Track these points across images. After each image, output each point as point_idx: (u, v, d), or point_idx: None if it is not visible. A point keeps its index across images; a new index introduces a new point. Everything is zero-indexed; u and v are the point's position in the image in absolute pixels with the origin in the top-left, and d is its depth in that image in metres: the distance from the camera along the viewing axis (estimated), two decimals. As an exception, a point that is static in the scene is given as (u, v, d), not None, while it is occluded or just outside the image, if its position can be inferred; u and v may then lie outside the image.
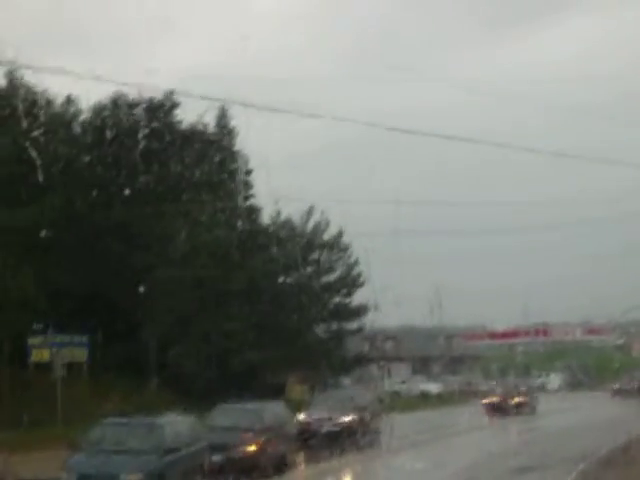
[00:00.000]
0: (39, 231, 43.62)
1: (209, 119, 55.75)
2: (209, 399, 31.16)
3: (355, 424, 33.83)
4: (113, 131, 52.16)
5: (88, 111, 53.00)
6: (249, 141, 57.75)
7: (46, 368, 41.58)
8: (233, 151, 56.76)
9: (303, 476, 29.30)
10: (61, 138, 50.20)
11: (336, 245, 59.58)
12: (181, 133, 54.45)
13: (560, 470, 26.35)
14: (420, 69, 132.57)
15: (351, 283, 59.82)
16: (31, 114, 47.02)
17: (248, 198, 56.49)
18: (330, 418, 32.88)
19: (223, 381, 47.11)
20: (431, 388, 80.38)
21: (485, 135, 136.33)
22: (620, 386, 75.80)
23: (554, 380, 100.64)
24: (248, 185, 56.64)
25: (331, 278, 59.97)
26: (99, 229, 48.49)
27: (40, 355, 42.58)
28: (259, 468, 25.24)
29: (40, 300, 42.37)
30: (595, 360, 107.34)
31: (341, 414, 33.32)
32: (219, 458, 24.52)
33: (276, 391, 52.58)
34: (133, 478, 20.04)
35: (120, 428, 21.87)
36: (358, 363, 66.49)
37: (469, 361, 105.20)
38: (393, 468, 28.44)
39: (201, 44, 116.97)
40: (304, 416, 32.99)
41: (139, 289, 48.08)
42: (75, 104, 52.22)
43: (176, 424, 22.62)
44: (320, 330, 59.53)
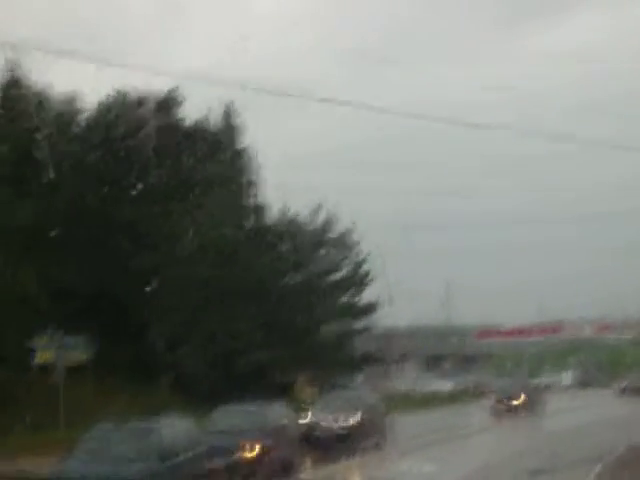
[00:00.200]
0: (42, 229, 43.50)
1: (215, 116, 55.55)
2: (215, 400, 30.31)
3: (362, 425, 32.83)
4: (120, 128, 51.67)
5: (93, 108, 52.73)
6: (257, 138, 56.81)
7: (50, 370, 40.86)
8: (240, 149, 56.18)
9: (307, 481, 28.48)
10: (70, 137, 49.69)
11: (345, 242, 58.80)
12: (190, 131, 54.01)
13: (577, 472, 25.58)
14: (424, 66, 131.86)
15: (359, 281, 59.04)
16: (40, 112, 46.73)
17: (255, 195, 56.05)
18: (335, 420, 32.00)
19: (229, 382, 46.39)
20: (443, 387, 79.50)
21: (500, 127, 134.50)
22: (627, 384, 73.84)
23: (566, 377, 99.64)
24: (255, 182, 56.27)
25: (339, 276, 59.19)
26: (105, 227, 47.65)
27: (44, 356, 41.72)
28: (261, 473, 24.35)
29: (43, 299, 41.78)
30: (609, 357, 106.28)
31: (347, 415, 32.40)
32: (220, 463, 23.64)
33: (284, 391, 51.99)
34: (127, 486, 19.22)
35: (115, 432, 21.04)
36: (368, 362, 65.68)
37: (482, 359, 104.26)
38: (401, 471, 27.56)
39: (203, 44, 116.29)
40: (308, 418, 32.08)
41: (145, 288, 47.56)
42: (80, 100, 51.82)
43: (174, 428, 21.72)
44: (328, 329, 58.70)
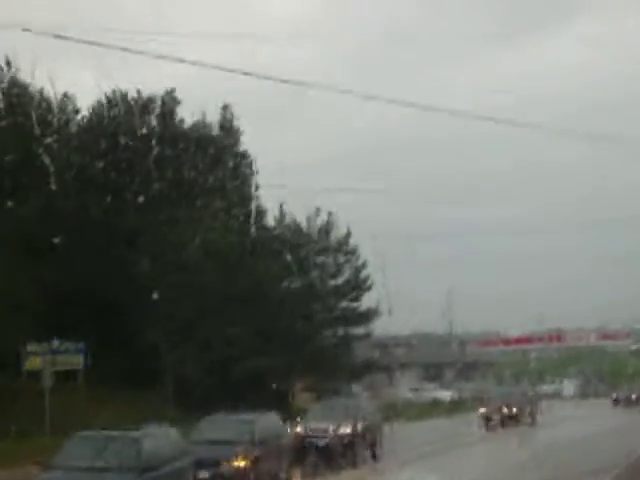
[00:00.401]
0: (39, 234, 42.87)
1: (212, 120, 55.10)
2: (211, 407, 29.25)
3: (357, 435, 31.71)
4: (121, 130, 51.25)
5: (89, 111, 52.30)
6: (256, 143, 56.62)
7: (39, 376, 40.02)
8: (239, 153, 55.60)
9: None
10: (75, 145, 49.83)
11: (344, 247, 57.83)
12: (190, 135, 53.46)
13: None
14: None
15: (359, 287, 58.01)
16: (44, 121, 46.95)
17: (254, 200, 55.27)
18: (329, 429, 30.82)
19: (226, 389, 45.47)
20: (443, 395, 78.61)
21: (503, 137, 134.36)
22: (617, 395, 73.15)
23: (568, 387, 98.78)
24: (254, 186, 55.62)
25: (339, 281, 58.19)
26: (100, 234, 47.10)
27: (34, 362, 41.01)
28: (250, 485, 23.24)
29: (38, 305, 41.41)
30: (610, 366, 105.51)
31: (342, 425, 31.22)
32: (206, 475, 22.55)
33: (282, 399, 51.17)
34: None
35: (94, 442, 19.91)
36: (367, 370, 64.58)
37: (482, 367, 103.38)
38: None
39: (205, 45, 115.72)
40: (301, 427, 30.93)
41: (140, 295, 46.75)
42: (73, 102, 51.35)
43: (158, 437, 20.58)
44: (327, 336, 57.72)
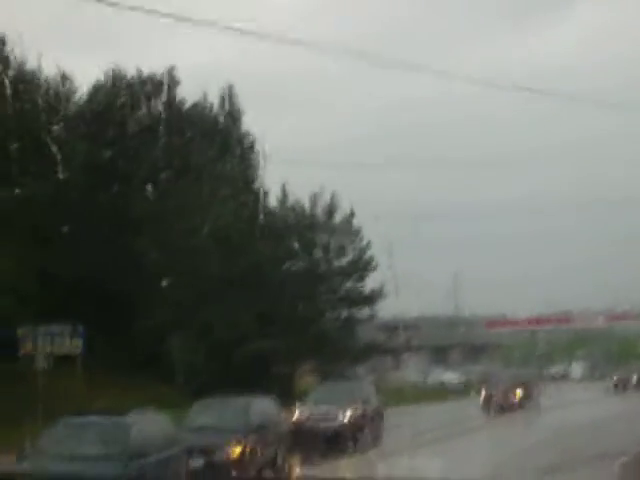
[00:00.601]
0: (46, 222, 42.48)
1: (213, 101, 54.57)
2: (212, 392, 28.41)
3: (358, 421, 30.79)
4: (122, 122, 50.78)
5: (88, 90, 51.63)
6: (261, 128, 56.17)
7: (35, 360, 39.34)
8: (242, 135, 54.99)
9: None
10: (82, 133, 49.34)
11: (347, 228, 56.90)
12: (199, 125, 52.80)
13: (596, 468, 24.09)
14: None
15: (363, 268, 57.08)
16: (51, 108, 47.34)
17: (254, 181, 54.65)
18: (329, 414, 29.89)
19: (227, 373, 44.66)
20: (450, 378, 77.64)
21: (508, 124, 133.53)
22: (617, 379, 68.23)
23: (576, 369, 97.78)
24: (257, 168, 55.06)
25: (342, 262, 57.27)
26: (107, 221, 47.12)
27: (29, 346, 40.26)
28: (244, 474, 22.17)
29: (38, 290, 40.87)
30: (619, 348, 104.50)
31: (341, 409, 30.29)
32: (199, 463, 21.58)
33: (285, 383, 50.39)
34: (90, 490, 17.17)
35: (78, 429, 18.99)
36: (373, 352, 63.64)
37: (490, 350, 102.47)
38: (400, 471, 25.54)
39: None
40: (299, 412, 29.98)
41: (142, 280, 46.20)
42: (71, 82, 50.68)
43: (146, 424, 19.62)
44: (331, 318, 56.87)
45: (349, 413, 30.40)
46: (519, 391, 49.31)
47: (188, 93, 53.21)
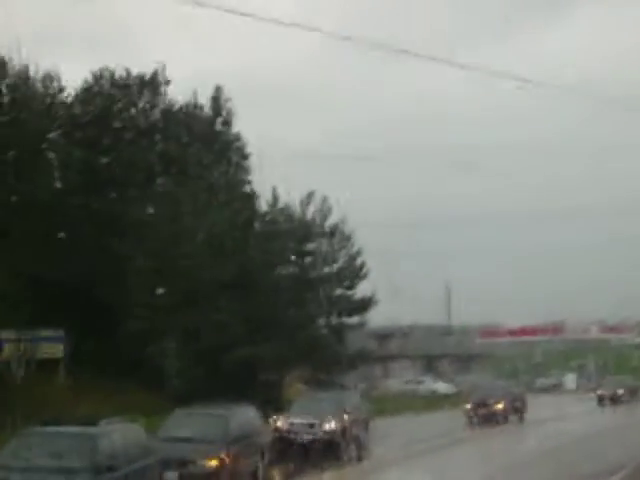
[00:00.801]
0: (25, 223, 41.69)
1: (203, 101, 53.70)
2: (197, 399, 27.60)
3: (342, 431, 29.86)
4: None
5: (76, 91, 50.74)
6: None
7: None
8: (233, 138, 54.18)
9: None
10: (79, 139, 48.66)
11: (338, 233, 56.00)
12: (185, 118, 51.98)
13: None
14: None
15: (353, 274, 56.17)
16: (49, 115, 46.66)
17: (244, 184, 53.85)
18: (312, 424, 28.93)
19: (214, 379, 43.82)
20: (440, 388, 76.87)
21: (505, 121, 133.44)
22: (602, 392, 66.75)
23: (570, 381, 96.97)
24: (245, 170, 54.23)
25: (333, 268, 56.35)
26: (80, 216, 46.06)
27: (9, 352, 39.56)
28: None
29: (20, 293, 40.07)
30: (614, 360, 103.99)
31: (325, 420, 29.34)
32: (173, 476, 20.62)
33: (272, 390, 49.59)
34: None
35: (44, 440, 17.93)
36: (363, 360, 62.74)
37: (482, 360, 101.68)
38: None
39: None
40: (281, 422, 29.01)
41: (127, 282, 45.41)
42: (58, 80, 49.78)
43: (118, 435, 18.59)
44: (320, 325, 55.99)
45: (331, 424, 29.45)
46: (503, 404, 47.65)
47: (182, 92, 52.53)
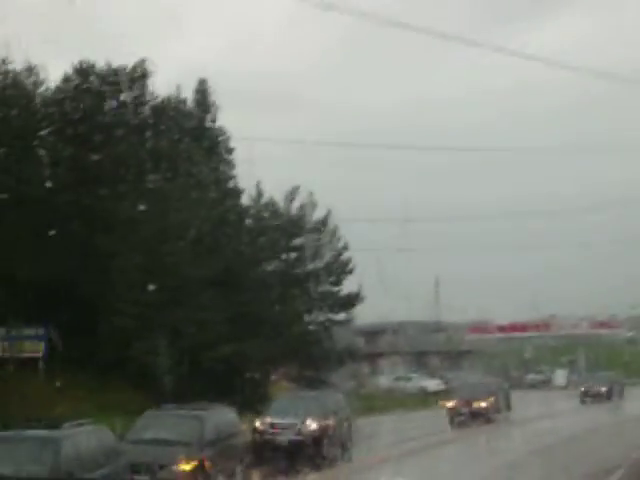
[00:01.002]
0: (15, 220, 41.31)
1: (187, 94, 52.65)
2: (180, 398, 26.70)
3: (324, 432, 28.90)
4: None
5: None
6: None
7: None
8: (215, 128, 53.17)
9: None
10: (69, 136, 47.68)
11: (324, 229, 55.11)
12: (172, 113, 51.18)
13: None
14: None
15: (339, 270, 55.33)
16: (38, 112, 46.09)
17: (227, 180, 52.93)
18: (293, 425, 28.00)
19: (196, 378, 42.99)
20: (429, 385, 76.02)
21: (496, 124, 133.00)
22: (585, 389, 65.63)
23: (560, 377, 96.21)
24: (230, 165, 53.32)
25: (319, 264, 55.47)
26: (71, 213, 45.44)
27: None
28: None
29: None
30: (605, 355, 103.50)
31: (307, 420, 28.40)
32: (142, 482, 19.69)
33: (256, 389, 48.89)
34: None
35: (4, 445, 17.01)
36: (350, 357, 61.90)
37: (472, 356, 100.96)
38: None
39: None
40: (260, 422, 28.05)
41: (108, 279, 44.59)
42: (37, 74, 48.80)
43: (81, 438, 17.65)
44: (306, 321, 55.15)
45: (311, 424, 28.52)
46: (488, 402, 46.38)
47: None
